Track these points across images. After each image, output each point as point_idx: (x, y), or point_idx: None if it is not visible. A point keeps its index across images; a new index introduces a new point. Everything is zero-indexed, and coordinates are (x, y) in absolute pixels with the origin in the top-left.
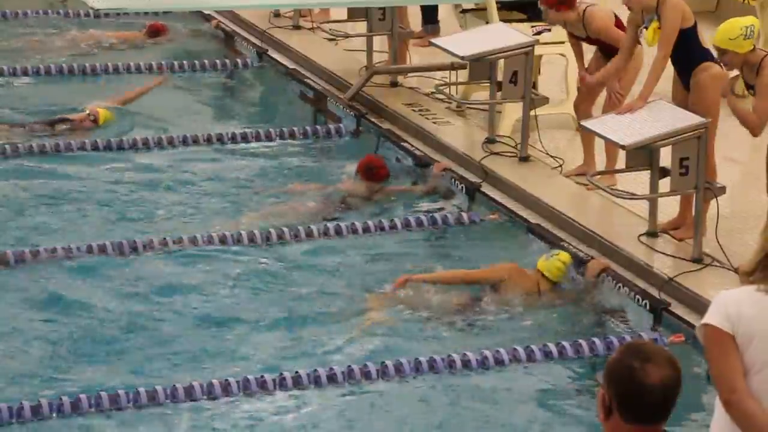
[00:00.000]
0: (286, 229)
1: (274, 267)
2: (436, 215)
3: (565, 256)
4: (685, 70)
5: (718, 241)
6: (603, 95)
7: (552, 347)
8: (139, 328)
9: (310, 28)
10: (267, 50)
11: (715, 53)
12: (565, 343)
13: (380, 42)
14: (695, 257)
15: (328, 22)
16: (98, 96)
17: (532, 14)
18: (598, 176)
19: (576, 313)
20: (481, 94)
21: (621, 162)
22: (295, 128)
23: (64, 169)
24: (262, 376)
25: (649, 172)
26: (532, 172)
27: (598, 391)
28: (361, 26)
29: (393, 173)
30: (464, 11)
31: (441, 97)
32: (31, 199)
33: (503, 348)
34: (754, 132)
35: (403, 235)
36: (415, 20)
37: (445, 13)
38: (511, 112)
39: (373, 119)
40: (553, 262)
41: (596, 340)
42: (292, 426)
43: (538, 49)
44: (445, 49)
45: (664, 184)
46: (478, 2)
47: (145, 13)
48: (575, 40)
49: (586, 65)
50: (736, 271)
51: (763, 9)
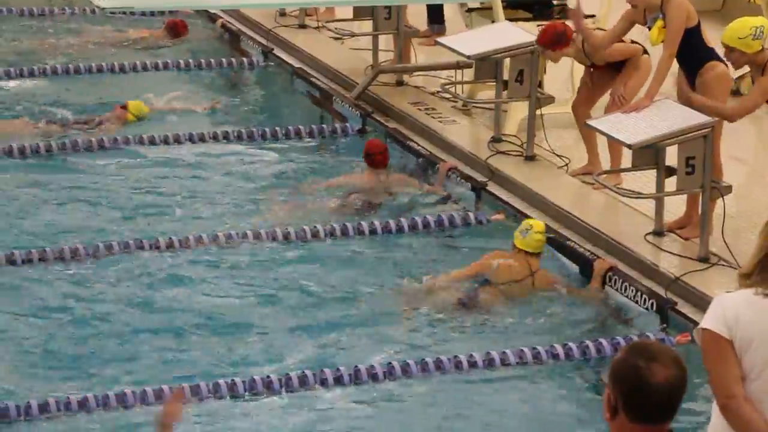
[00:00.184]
0: (291, 230)
1: (278, 267)
2: (443, 215)
3: (539, 226)
4: (690, 69)
5: (725, 241)
6: (604, 99)
7: (559, 348)
8: (157, 327)
9: (315, 27)
10: (273, 49)
11: (721, 52)
12: (572, 345)
13: (386, 41)
14: (702, 256)
15: (334, 21)
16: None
17: (538, 13)
18: (605, 175)
19: (582, 313)
20: (487, 93)
21: (626, 161)
22: (301, 127)
23: (69, 166)
24: (269, 377)
25: (656, 171)
26: (538, 171)
27: (604, 390)
28: (367, 25)
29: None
30: (470, 10)
31: (447, 96)
32: (54, 197)
33: (510, 349)
34: (732, 118)
35: (410, 235)
36: (421, 19)
37: (450, 13)
38: (517, 111)
39: (379, 118)
40: (532, 236)
41: (603, 341)
42: (302, 426)
43: None
44: (450, 48)
45: (671, 183)
46: (484, 1)
47: (152, 13)
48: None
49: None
50: None
51: None
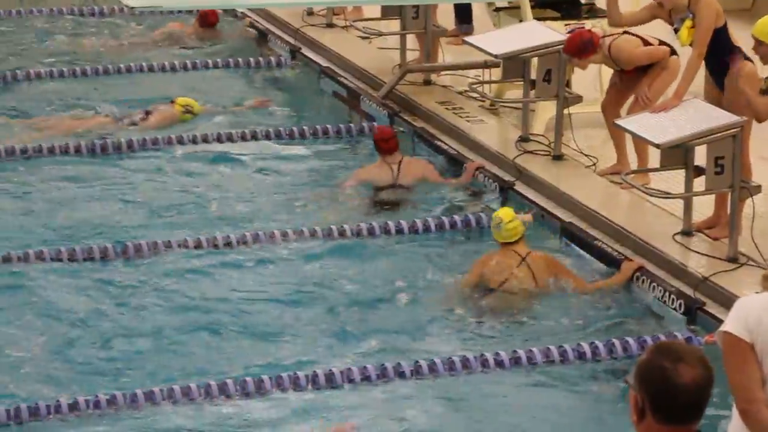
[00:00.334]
0: (318, 228)
1: (307, 266)
2: (470, 215)
3: (507, 215)
4: (717, 69)
5: (754, 241)
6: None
7: (585, 347)
8: (190, 325)
9: (343, 27)
10: (300, 48)
11: (749, 51)
12: (599, 343)
13: (413, 40)
14: (730, 256)
15: (362, 20)
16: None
17: (566, 12)
18: (633, 175)
19: (608, 312)
20: (515, 92)
21: (653, 161)
22: (329, 126)
23: (104, 165)
24: (295, 373)
25: (684, 171)
26: (565, 170)
27: (630, 393)
28: (395, 24)
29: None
30: (498, 9)
31: (474, 95)
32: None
33: (536, 348)
34: (761, 117)
35: (436, 235)
36: (449, 19)
37: (478, 12)
38: (545, 111)
39: (406, 117)
40: (505, 227)
41: (630, 340)
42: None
43: None
44: (478, 48)
45: (699, 183)
46: (512, 1)
47: (180, 13)
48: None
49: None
50: None
51: None
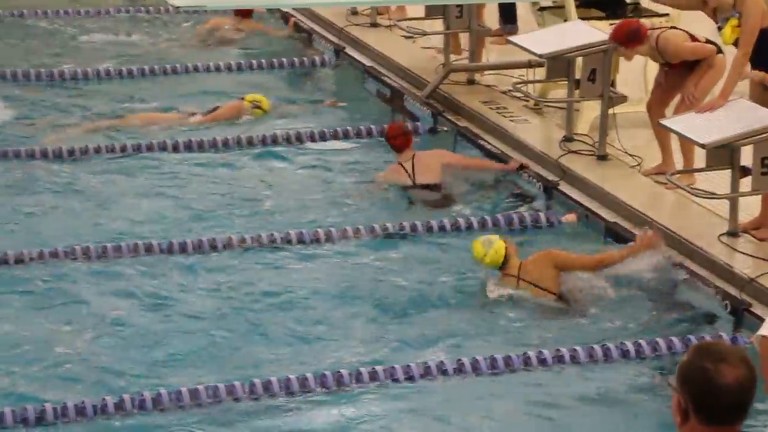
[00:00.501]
0: (362, 227)
1: (346, 265)
2: (513, 215)
3: (478, 251)
4: (763, 69)
5: None
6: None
7: (629, 346)
8: (232, 324)
9: (387, 26)
10: (344, 48)
11: None
12: (643, 342)
13: (457, 39)
14: None
15: (406, 20)
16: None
17: (611, 12)
18: (678, 175)
19: (654, 312)
20: (559, 92)
21: (698, 161)
22: (373, 126)
23: (149, 164)
24: (339, 372)
25: (730, 171)
26: (610, 170)
27: (673, 395)
28: (439, 24)
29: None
30: (542, 9)
31: (519, 95)
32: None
33: (580, 346)
34: None
35: (479, 233)
36: (493, 18)
37: (523, 11)
38: (589, 111)
39: (449, 117)
40: (486, 263)
41: (674, 339)
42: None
43: None
44: (522, 47)
45: (745, 184)
46: (556, 0)
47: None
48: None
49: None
50: None
51: None
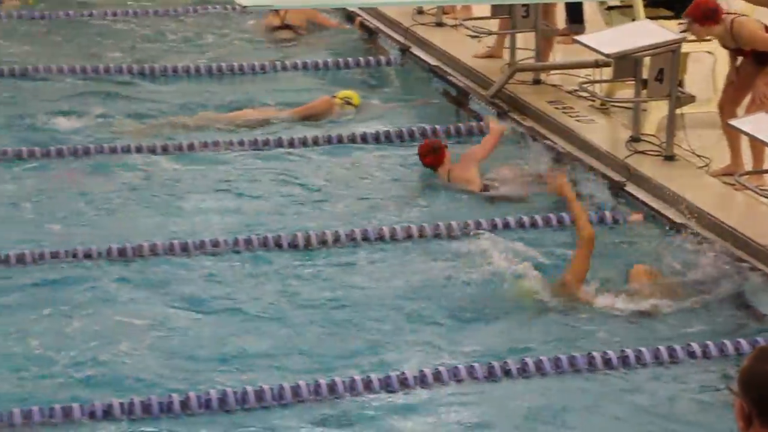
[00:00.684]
0: (427, 225)
1: (414, 264)
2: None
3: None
4: None
5: None
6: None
7: (695, 347)
8: (297, 323)
9: (453, 26)
10: (410, 47)
11: None
12: (710, 343)
13: (523, 39)
14: None
15: (471, 19)
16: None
17: (679, 11)
18: (747, 176)
19: (720, 313)
20: (626, 92)
21: None
22: (438, 126)
23: (202, 161)
24: (403, 373)
25: None
26: (677, 171)
27: (735, 400)
28: (504, 23)
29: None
30: (610, 8)
31: (585, 94)
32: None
33: (646, 347)
34: None
35: (542, 232)
36: (559, 18)
37: (590, 10)
38: (657, 111)
39: (515, 117)
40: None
41: (741, 341)
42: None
43: (685, 47)
44: (589, 47)
45: None
46: None
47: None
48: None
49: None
50: None
51: None
